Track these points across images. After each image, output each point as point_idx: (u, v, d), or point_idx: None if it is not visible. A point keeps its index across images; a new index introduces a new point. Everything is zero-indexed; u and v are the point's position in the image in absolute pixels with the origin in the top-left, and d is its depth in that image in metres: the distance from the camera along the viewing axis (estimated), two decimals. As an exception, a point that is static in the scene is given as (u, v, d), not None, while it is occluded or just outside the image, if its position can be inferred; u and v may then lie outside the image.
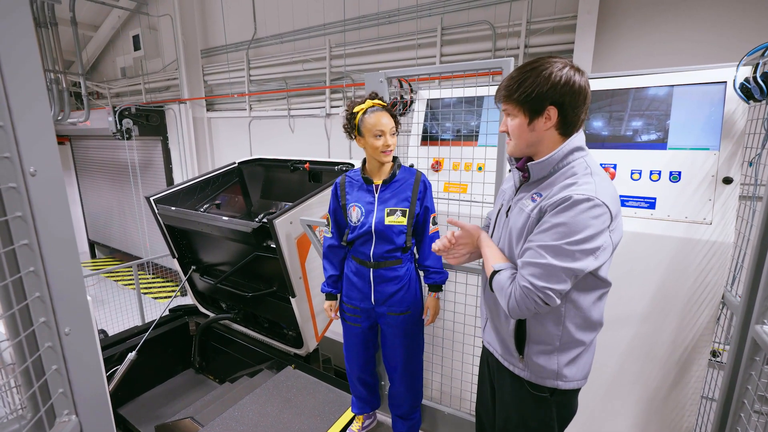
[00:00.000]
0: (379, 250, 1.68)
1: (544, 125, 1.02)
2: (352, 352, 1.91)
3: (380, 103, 1.63)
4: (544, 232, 0.98)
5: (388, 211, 1.65)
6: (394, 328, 1.78)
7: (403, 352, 1.82)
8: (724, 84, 1.49)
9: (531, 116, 1.02)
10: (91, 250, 9.34)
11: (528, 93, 0.99)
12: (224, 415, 2.28)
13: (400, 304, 1.74)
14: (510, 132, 1.08)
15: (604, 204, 0.94)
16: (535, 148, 1.07)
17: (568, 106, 0.99)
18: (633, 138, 1.65)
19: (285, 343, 3.00)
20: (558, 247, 0.94)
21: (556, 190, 1.00)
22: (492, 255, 1.13)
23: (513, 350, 1.15)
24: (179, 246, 3.27)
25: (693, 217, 1.52)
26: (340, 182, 1.76)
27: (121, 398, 3.12)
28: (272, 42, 5.33)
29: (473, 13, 3.85)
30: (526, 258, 1.00)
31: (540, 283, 0.95)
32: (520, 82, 1.00)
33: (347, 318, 1.85)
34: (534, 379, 1.13)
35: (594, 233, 0.94)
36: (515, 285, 1.00)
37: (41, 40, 5.70)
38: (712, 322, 1.53)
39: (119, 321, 5.12)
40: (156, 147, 6.93)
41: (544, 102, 0.99)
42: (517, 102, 1.02)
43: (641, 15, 3.12)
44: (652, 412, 1.68)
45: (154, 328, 3.33)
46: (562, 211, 0.95)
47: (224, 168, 3.59)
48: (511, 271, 1.06)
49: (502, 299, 1.03)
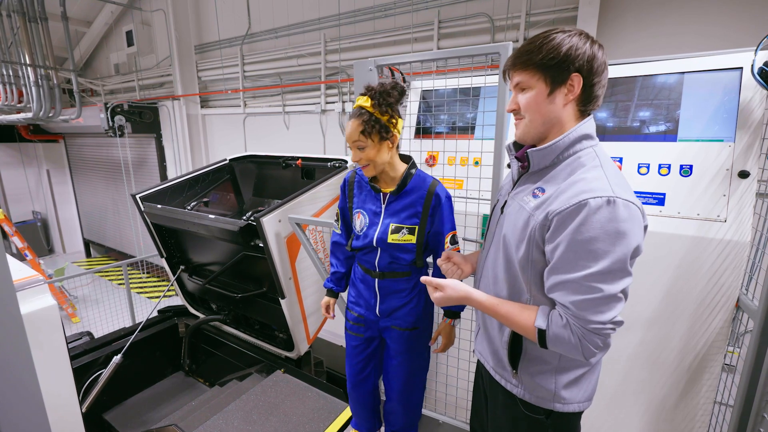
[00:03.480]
0: (385, 261, 1.50)
1: (566, 97, 0.89)
2: (350, 365, 1.75)
3: (361, 104, 1.36)
4: (580, 258, 0.82)
5: (393, 228, 1.44)
6: (398, 344, 1.60)
7: (405, 370, 1.64)
8: (740, 70, 1.38)
9: (553, 85, 0.89)
10: (86, 249, 9.24)
11: (553, 55, 0.86)
12: (209, 422, 2.17)
13: (406, 319, 1.56)
14: (523, 107, 0.93)
15: (627, 201, 0.81)
16: (549, 128, 0.93)
17: (591, 78, 0.88)
18: (640, 129, 1.54)
19: (276, 346, 2.90)
20: (608, 272, 0.80)
21: (563, 188, 0.87)
22: (511, 310, 0.94)
23: (506, 364, 1.03)
24: (167, 245, 3.17)
25: (706, 214, 1.41)
26: (349, 180, 1.57)
27: (106, 403, 3.01)
28: (267, 37, 5.22)
29: (471, 5, 3.74)
30: (580, 296, 0.83)
31: (608, 316, 0.82)
32: (541, 45, 0.87)
33: (350, 326, 1.69)
34: (528, 398, 1.00)
35: (632, 235, 0.81)
36: (581, 331, 0.84)
37: (31, 34, 5.58)
38: (725, 326, 1.42)
39: (111, 321, 5.02)
40: (150, 144, 6.83)
41: (570, 67, 0.86)
42: (538, 67, 0.88)
43: (644, 6, 3.01)
44: (661, 422, 1.57)
45: (143, 330, 3.22)
46: (587, 223, 0.80)
47: (215, 165, 3.48)
48: (553, 318, 0.88)
49: (575, 353, 0.87)
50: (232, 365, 3.15)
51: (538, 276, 0.94)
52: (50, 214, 9.22)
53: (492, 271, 1.05)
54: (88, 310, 6.31)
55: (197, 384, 3.39)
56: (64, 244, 9.42)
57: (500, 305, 0.96)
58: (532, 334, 0.90)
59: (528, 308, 0.94)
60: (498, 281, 1.03)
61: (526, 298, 0.98)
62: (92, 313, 5.94)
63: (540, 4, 3.42)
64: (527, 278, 0.95)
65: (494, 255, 1.05)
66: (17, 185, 8.77)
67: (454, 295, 1.00)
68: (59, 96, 6.09)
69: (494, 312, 0.97)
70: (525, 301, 0.98)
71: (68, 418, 1.43)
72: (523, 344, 0.99)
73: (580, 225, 0.81)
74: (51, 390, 1.05)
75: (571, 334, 0.85)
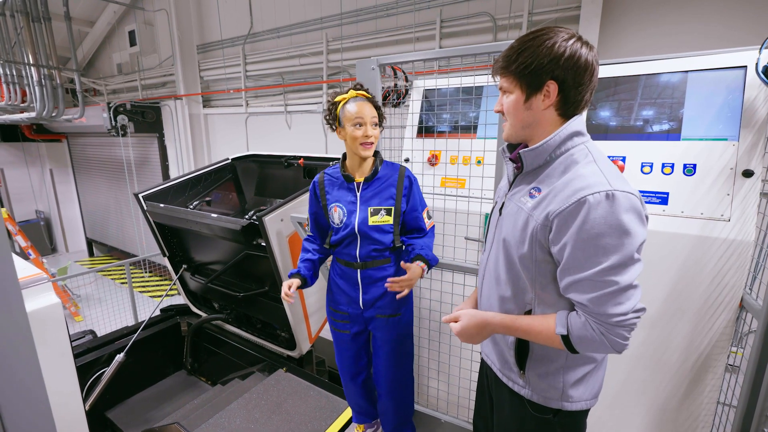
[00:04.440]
0: (366, 250, 1.56)
1: (543, 103, 0.89)
2: (342, 361, 1.79)
3: (365, 94, 1.51)
4: (589, 255, 0.82)
5: (372, 211, 1.53)
6: (383, 332, 1.66)
7: (392, 359, 1.69)
8: (744, 69, 1.37)
9: (528, 92, 0.90)
10: (89, 249, 9.28)
11: (526, 64, 0.86)
12: (211, 421, 2.18)
13: (389, 306, 1.62)
14: (505, 111, 0.95)
15: (625, 192, 0.82)
16: (531, 130, 0.94)
17: (570, 83, 0.86)
18: (643, 128, 1.53)
19: (278, 345, 2.90)
20: (620, 264, 0.81)
21: (559, 186, 0.87)
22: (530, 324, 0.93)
23: (512, 365, 1.03)
24: (170, 244, 3.18)
25: (709, 214, 1.40)
26: (319, 181, 1.62)
27: (109, 401, 3.02)
28: (269, 36, 5.23)
29: (473, 5, 3.73)
30: (596, 293, 0.83)
31: (628, 306, 0.82)
32: (519, 51, 0.88)
33: (336, 325, 1.72)
34: (536, 398, 1.00)
35: (636, 225, 0.82)
36: (602, 327, 0.84)
37: (34, 34, 5.61)
38: (729, 326, 1.41)
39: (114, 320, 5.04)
40: (152, 144, 6.84)
41: (543, 76, 0.86)
42: (514, 74, 0.90)
43: (646, 5, 3.00)
44: (663, 422, 1.57)
45: (145, 328, 3.23)
46: (589, 220, 0.81)
47: (217, 164, 3.49)
48: (571, 320, 0.88)
49: (604, 349, 0.86)
50: (234, 364, 3.16)
51: (542, 275, 0.93)
52: (53, 213, 9.26)
53: (494, 272, 1.06)
54: (90, 308, 6.34)
55: (199, 383, 3.40)
56: (67, 243, 9.46)
57: (517, 321, 0.95)
58: (558, 343, 0.89)
59: (545, 318, 0.93)
60: (501, 282, 1.03)
61: (530, 297, 0.97)
62: (95, 312, 5.96)
63: (542, 3, 3.40)
64: (531, 277, 0.95)
65: (495, 256, 1.05)
66: (20, 184, 8.80)
67: (472, 321, 0.99)
68: (62, 96, 6.11)
69: (513, 330, 0.96)
70: (529, 300, 0.97)
71: (72, 416, 1.44)
72: (530, 344, 0.99)
73: (583, 223, 0.81)
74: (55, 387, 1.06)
75: (593, 331, 0.85)
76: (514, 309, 1.00)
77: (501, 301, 1.03)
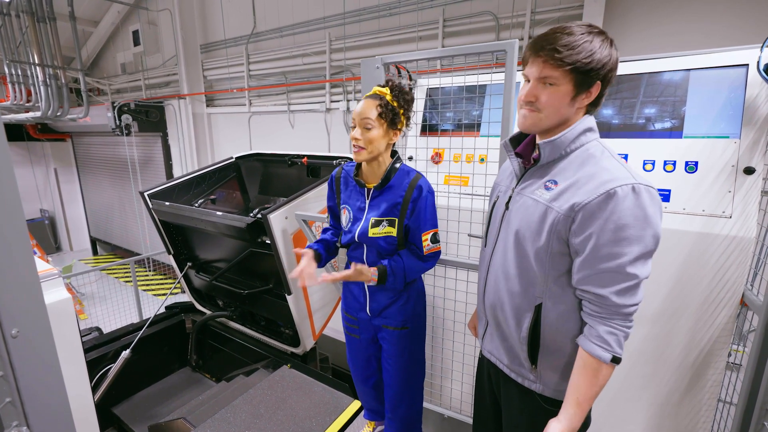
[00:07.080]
0: (373, 256, 1.51)
1: (583, 101, 0.91)
2: (354, 363, 1.77)
3: (380, 90, 1.40)
4: (614, 246, 0.83)
5: (373, 222, 1.43)
6: (390, 344, 1.60)
7: (400, 373, 1.62)
8: (746, 67, 1.39)
9: (578, 89, 0.89)
10: (93, 248, 9.34)
11: (585, 63, 0.84)
12: (216, 416, 2.20)
13: (396, 318, 1.56)
14: (544, 103, 0.90)
15: (648, 186, 0.85)
16: (559, 125, 0.94)
17: (608, 85, 0.90)
18: (646, 126, 1.55)
19: (282, 342, 2.93)
20: (642, 256, 0.84)
21: (582, 179, 0.88)
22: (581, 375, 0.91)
23: (524, 360, 1.02)
24: (175, 242, 3.21)
25: (711, 211, 1.42)
26: (336, 176, 1.58)
27: (115, 397, 3.06)
28: (272, 36, 5.25)
29: (476, 4, 3.75)
30: (619, 285, 0.85)
31: (638, 297, 0.87)
32: (583, 46, 0.84)
33: (348, 329, 1.71)
34: (548, 392, 1.01)
35: (659, 218, 0.85)
36: (620, 319, 0.87)
37: (40, 34, 5.65)
38: (730, 323, 1.43)
39: (118, 318, 5.08)
40: (156, 143, 6.88)
41: (595, 78, 0.87)
42: (575, 69, 0.85)
43: (649, 3, 3.01)
44: (664, 418, 1.58)
45: (150, 326, 3.26)
46: (617, 211, 0.83)
47: (221, 163, 3.51)
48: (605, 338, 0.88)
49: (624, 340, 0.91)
50: (238, 361, 3.19)
51: (555, 268, 0.94)
52: (58, 212, 9.32)
53: (502, 268, 1.04)
54: (95, 307, 6.38)
55: (204, 379, 3.42)
56: (72, 241, 9.52)
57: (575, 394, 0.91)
58: (610, 368, 0.89)
59: (579, 367, 0.91)
60: (510, 277, 1.02)
61: (540, 290, 0.97)
62: (100, 310, 6.01)
63: (545, 1, 3.41)
64: (544, 271, 0.95)
65: (503, 251, 1.04)
66: (25, 184, 8.87)
67: None
68: (67, 95, 6.15)
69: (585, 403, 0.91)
70: (540, 294, 0.97)
71: (82, 409, 1.47)
72: (541, 337, 0.99)
73: (611, 214, 0.83)
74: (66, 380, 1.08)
75: (617, 329, 0.88)
76: (524, 304, 1.00)
77: (510, 296, 1.02)
